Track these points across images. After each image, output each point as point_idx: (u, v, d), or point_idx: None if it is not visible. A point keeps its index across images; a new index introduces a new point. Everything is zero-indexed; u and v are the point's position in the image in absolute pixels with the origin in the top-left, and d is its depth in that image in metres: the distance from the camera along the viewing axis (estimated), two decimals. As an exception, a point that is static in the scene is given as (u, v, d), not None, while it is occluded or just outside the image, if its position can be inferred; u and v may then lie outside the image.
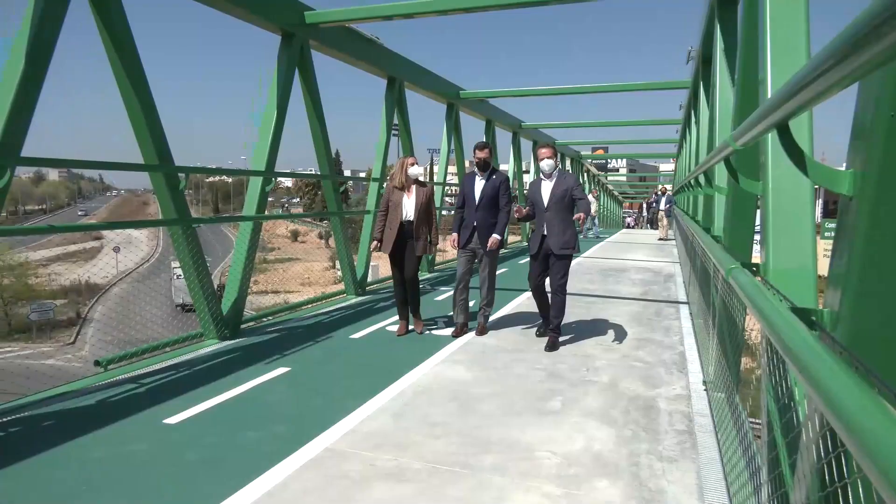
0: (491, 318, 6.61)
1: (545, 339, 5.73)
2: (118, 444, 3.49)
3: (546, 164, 5.69)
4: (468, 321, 6.23)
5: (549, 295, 5.72)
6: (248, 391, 4.46)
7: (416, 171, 6.14)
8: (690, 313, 7.19)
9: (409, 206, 6.06)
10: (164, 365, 5.17)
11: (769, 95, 3.01)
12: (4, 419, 3.91)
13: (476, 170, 6.06)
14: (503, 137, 18.30)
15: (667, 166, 67.65)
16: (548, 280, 5.71)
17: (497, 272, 6.27)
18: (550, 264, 5.63)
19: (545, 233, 5.60)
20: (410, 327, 6.32)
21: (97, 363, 5.04)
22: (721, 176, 5.28)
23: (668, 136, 23.12)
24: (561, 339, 5.73)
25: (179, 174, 5.80)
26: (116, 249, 45.49)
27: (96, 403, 4.23)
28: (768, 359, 2.15)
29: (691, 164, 12.02)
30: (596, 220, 22.33)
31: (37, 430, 3.77)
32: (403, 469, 3.17)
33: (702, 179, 5.99)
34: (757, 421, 3.44)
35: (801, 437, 1.64)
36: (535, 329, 6.22)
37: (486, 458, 3.30)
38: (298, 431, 3.66)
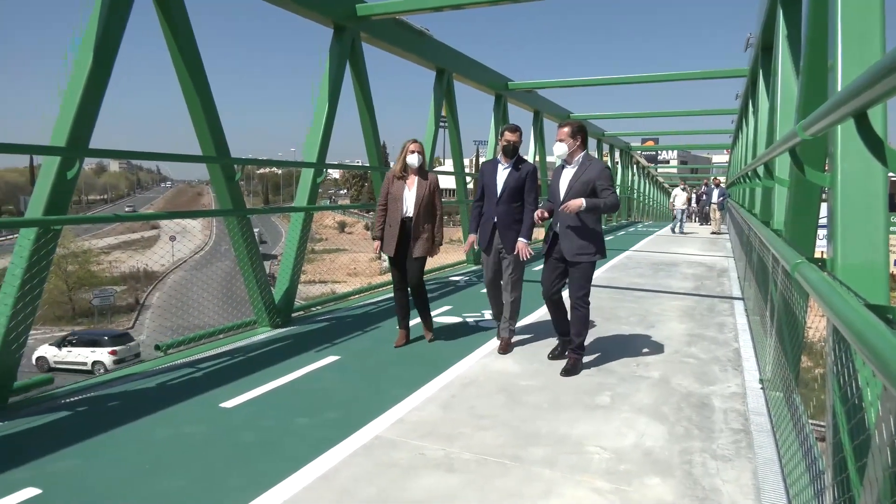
0: (537, 312, 6.56)
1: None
2: (178, 426, 3.64)
3: (557, 147, 4.65)
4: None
5: (569, 309, 4.77)
6: (300, 378, 4.57)
7: (413, 160, 5.23)
8: (746, 309, 6.96)
9: (409, 200, 5.26)
10: (219, 350, 5.35)
11: (840, 83, 2.88)
12: (73, 399, 4.13)
13: (500, 156, 5.15)
14: (552, 129, 18.10)
15: (719, 157, 65.54)
16: (566, 293, 4.75)
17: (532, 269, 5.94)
18: (569, 272, 4.68)
19: (557, 230, 4.65)
20: (424, 336, 5.66)
21: (157, 347, 5.26)
22: (783, 167, 5.08)
23: (722, 127, 22.40)
24: (607, 336, 5.61)
25: (235, 165, 5.96)
26: (173, 238, 47.02)
27: (156, 386, 4.41)
28: (835, 358, 2.07)
29: (748, 155, 11.62)
30: (683, 217, 20.71)
31: (102, 410, 3.96)
32: (452, 459, 3.19)
33: (760, 171, 5.77)
34: (818, 423, 3.32)
35: (872, 439, 1.57)
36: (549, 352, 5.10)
37: (534, 450, 3.29)
38: (349, 419, 3.73)
